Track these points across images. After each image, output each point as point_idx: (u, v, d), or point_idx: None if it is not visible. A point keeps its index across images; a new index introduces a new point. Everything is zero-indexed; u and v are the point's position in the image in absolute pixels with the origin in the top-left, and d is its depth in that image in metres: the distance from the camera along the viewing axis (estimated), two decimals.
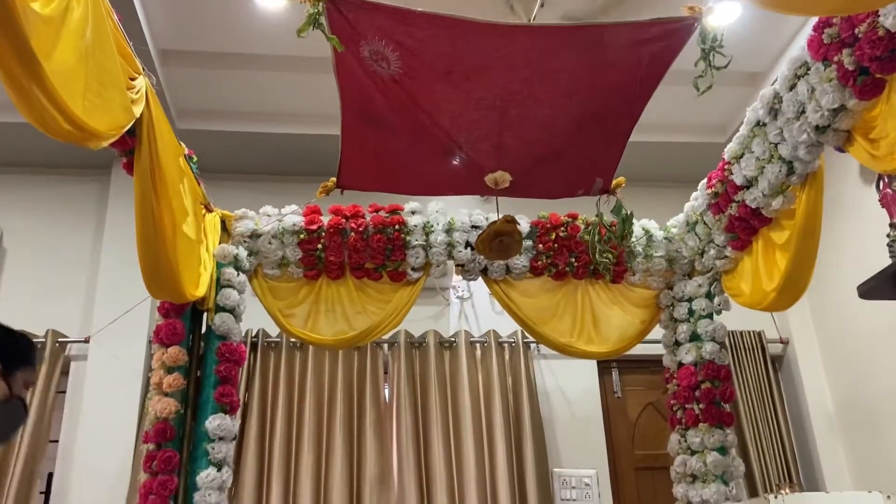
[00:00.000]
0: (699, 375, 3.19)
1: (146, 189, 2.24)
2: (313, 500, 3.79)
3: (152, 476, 2.70)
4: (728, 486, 3.07)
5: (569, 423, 4.28)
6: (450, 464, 3.97)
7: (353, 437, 3.97)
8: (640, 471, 4.36)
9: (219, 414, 2.84)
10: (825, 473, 4.14)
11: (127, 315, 3.82)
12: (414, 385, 4.14)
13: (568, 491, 4.13)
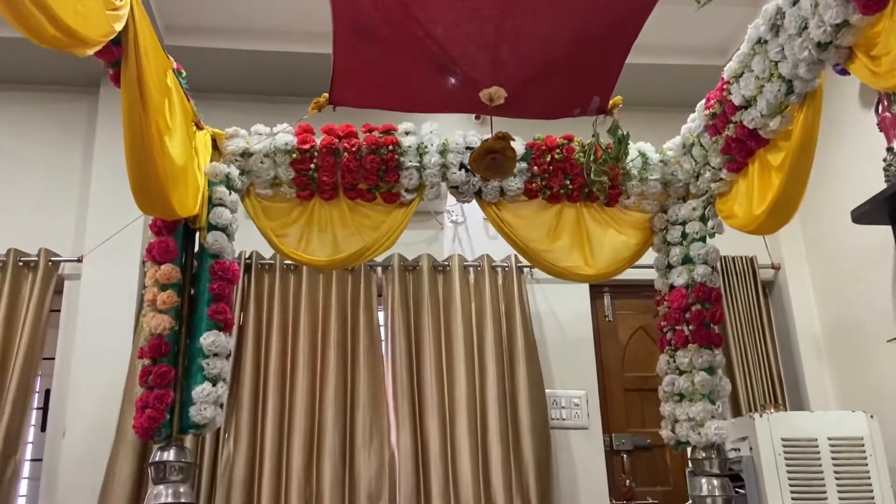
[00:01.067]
0: (690, 298, 3.21)
1: (133, 101, 2.19)
2: (307, 419, 3.86)
3: (148, 390, 2.73)
4: (714, 405, 3.13)
5: (560, 345, 4.34)
6: (441, 386, 4.04)
7: (346, 360, 4.02)
8: (629, 392, 4.45)
9: (213, 331, 2.85)
10: (810, 395, 4.23)
11: (120, 235, 3.81)
12: (407, 308, 4.18)
13: (558, 411, 4.23)
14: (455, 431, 3.97)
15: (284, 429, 3.85)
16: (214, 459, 3.75)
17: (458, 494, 3.85)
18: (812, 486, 3.25)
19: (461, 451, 3.92)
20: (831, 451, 3.28)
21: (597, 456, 4.19)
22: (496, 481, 3.88)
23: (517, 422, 4.02)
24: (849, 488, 3.25)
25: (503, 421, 3.98)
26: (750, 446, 3.35)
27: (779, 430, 3.31)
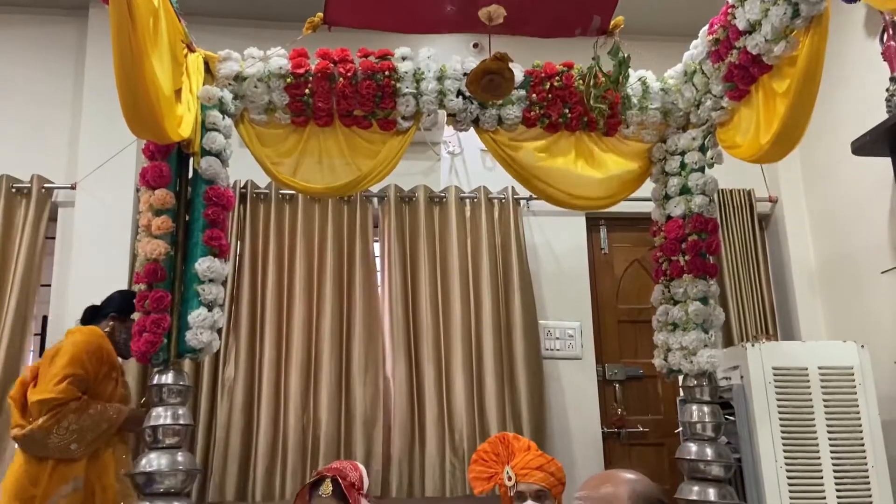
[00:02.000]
0: (686, 228, 3.21)
1: (122, 19, 2.13)
2: (304, 348, 3.90)
3: (145, 315, 2.74)
4: (707, 334, 3.15)
5: (555, 277, 4.36)
6: (437, 317, 4.06)
7: (342, 290, 4.04)
8: (623, 324, 4.49)
9: (208, 257, 2.84)
10: (802, 327, 4.28)
11: (113, 162, 3.77)
12: (403, 240, 4.17)
13: (552, 341, 4.27)
14: (450, 361, 4.01)
15: (282, 357, 3.89)
16: (214, 385, 3.79)
17: (452, 423, 3.92)
18: (801, 414, 3.30)
19: (455, 380, 3.97)
20: (821, 380, 3.33)
21: (589, 385, 4.26)
22: (490, 410, 3.95)
23: (511, 352, 4.07)
24: (837, 416, 3.30)
25: (497, 351, 4.02)
26: (741, 375, 3.39)
27: (770, 360, 3.35)
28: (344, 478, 2.84)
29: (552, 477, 2.90)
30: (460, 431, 3.89)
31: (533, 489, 2.86)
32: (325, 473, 2.89)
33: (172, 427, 2.74)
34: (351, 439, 3.82)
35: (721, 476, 3.12)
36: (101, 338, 3.15)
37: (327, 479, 2.84)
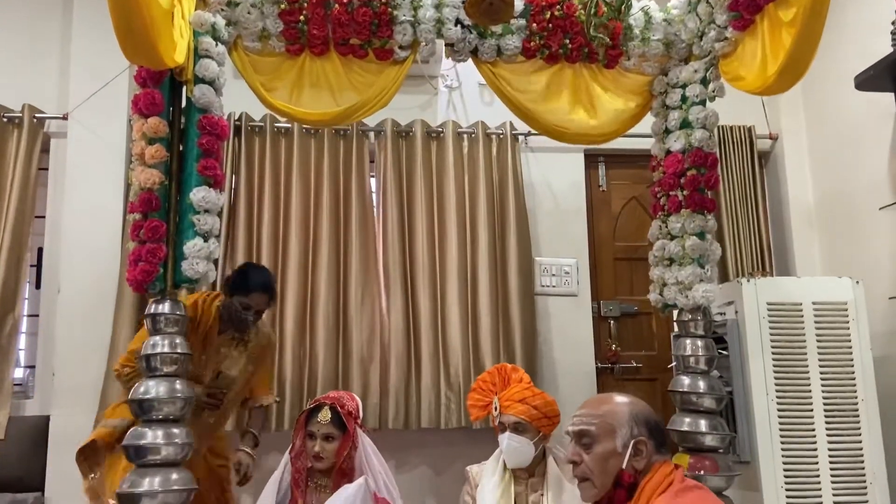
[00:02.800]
0: (686, 162, 3.18)
1: None
2: (300, 283, 3.90)
3: (140, 244, 2.72)
4: (703, 269, 3.15)
5: (553, 214, 4.34)
6: (433, 253, 4.06)
7: (338, 225, 4.02)
8: (619, 261, 4.50)
9: (203, 187, 2.81)
10: (798, 264, 4.30)
11: (105, 93, 3.71)
12: (400, 175, 4.14)
13: (548, 278, 4.28)
14: (445, 297, 4.03)
15: (278, 296, 3.89)
16: None
17: (447, 357, 3.96)
18: (793, 348, 3.33)
19: (451, 315, 3.99)
20: (815, 316, 3.35)
21: (585, 322, 4.29)
22: (484, 345, 3.98)
23: (507, 289, 4.08)
24: (829, 351, 3.33)
25: (493, 287, 4.04)
26: (735, 310, 3.41)
27: (765, 295, 3.36)
28: (342, 406, 2.87)
29: (535, 410, 2.91)
30: (455, 366, 3.93)
31: (511, 420, 2.89)
32: (322, 401, 2.92)
33: (170, 355, 2.74)
34: (348, 373, 3.86)
35: (712, 408, 3.16)
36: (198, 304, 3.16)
37: (325, 407, 2.87)
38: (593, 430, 1.69)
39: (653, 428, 1.66)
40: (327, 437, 2.83)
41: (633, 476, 1.64)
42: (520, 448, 2.88)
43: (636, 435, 1.64)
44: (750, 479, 3.25)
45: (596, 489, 1.69)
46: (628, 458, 1.64)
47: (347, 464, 2.86)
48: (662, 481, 1.60)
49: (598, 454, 1.67)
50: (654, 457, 1.65)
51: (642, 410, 1.69)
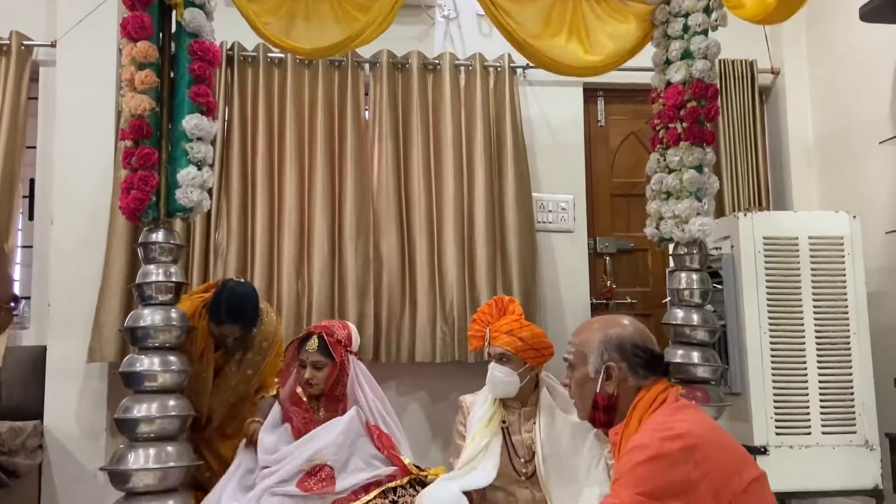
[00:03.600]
0: (686, 94, 3.13)
1: None
2: (296, 215, 3.87)
3: (132, 172, 2.70)
4: (701, 202, 3.14)
5: (550, 150, 4.30)
6: (429, 188, 4.03)
7: (333, 159, 3.97)
8: (616, 197, 4.48)
9: (195, 114, 2.77)
10: (795, 199, 4.29)
11: (94, 19, 3.62)
12: (395, 108, 4.08)
13: (545, 214, 4.26)
14: (441, 232, 4.01)
15: (274, 223, 3.88)
16: (206, 250, 3.79)
17: (443, 292, 3.95)
18: (788, 282, 3.34)
19: (447, 250, 3.98)
20: (810, 250, 3.35)
21: (580, 258, 4.28)
22: (480, 280, 3.98)
23: (503, 224, 4.06)
24: (823, 286, 3.34)
25: (489, 223, 4.01)
26: (731, 245, 3.41)
27: (761, 229, 3.36)
28: (330, 335, 2.88)
29: (520, 342, 2.88)
30: (451, 300, 3.93)
31: (496, 351, 2.89)
32: (312, 330, 2.93)
33: (165, 284, 2.75)
34: (344, 305, 3.86)
35: (706, 340, 3.19)
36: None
37: (314, 336, 2.88)
38: (572, 359, 1.76)
39: (627, 352, 1.68)
40: (316, 364, 2.85)
41: (607, 399, 1.68)
42: (502, 378, 2.88)
43: (606, 360, 1.68)
44: (740, 410, 3.30)
45: (580, 411, 1.74)
46: (600, 382, 1.67)
47: (339, 391, 2.89)
48: (654, 399, 1.62)
49: (576, 380, 1.75)
50: (633, 380, 1.67)
51: (617, 334, 1.70)
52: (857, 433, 3.26)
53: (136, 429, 2.65)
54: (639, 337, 1.71)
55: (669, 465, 1.46)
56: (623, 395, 1.67)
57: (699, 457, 1.45)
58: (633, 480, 1.48)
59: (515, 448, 2.91)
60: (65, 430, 3.59)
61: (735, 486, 1.46)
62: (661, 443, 1.49)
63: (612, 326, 1.73)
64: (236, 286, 3.04)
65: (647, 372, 1.68)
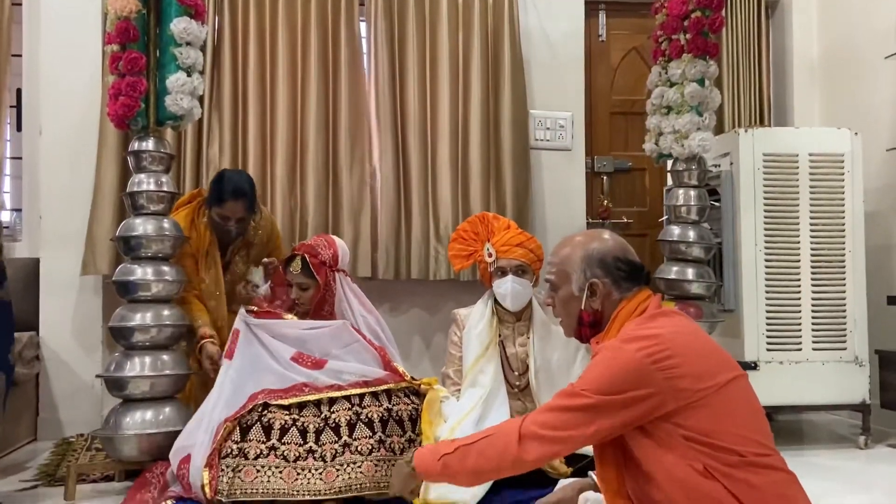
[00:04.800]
0: (690, 4, 3.04)
1: None
2: (289, 134, 3.80)
3: (120, 77, 2.63)
4: (701, 117, 3.09)
5: (549, 66, 4.19)
6: (424, 104, 3.95)
7: (327, 73, 3.87)
8: (615, 115, 4.41)
9: (184, 17, 2.68)
10: (797, 117, 4.23)
11: None
12: (391, 18, 3.96)
13: (542, 132, 4.19)
14: (436, 149, 3.95)
15: (266, 140, 3.80)
16: (198, 164, 3.73)
17: (437, 210, 3.93)
18: (786, 200, 3.32)
19: (441, 168, 3.93)
20: (810, 167, 3.32)
21: (577, 177, 4.24)
22: (475, 199, 3.94)
23: (499, 142, 4.00)
24: (821, 204, 3.33)
25: (485, 140, 3.96)
26: (731, 161, 3.37)
27: (761, 146, 3.32)
28: (314, 255, 2.85)
29: (532, 254, 2.93)
30: (445, 219, 3.91)
31: (514, 264, 2.90)
32: (296, 251, 2.90)
33: (157, 193, 2.72)
34: (339, 224, 3.83)
35: (701, 257, 3.19)
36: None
37: (297, 257, 2.86)
38: (554, 279, 1.74)
39: (610, 266, 1.66)
40: (301, 286, 2.85)
41: (592, 315, 1.67)
42: (523, 290, 2.90)
43: (589, 277, 1.66)
44: (732, 326, 3.33)
45: (566, 328, 1.74)
46: (585, 299, 1.66)
47: (326, 310, 2.89)
48: (635, 309, 1.62)
49: (560, 299, 1.73)
50: (617, 293, 1.66)
51: (598, 250, 1.68)
52: (847, 350, 3.30)
53: (131, 337, 2.67)
54: (619, 250, 1.69)
55: (627, 365, 1.47)
56: (607, 308, 1.66)
57: (664, 362, 1.46)
58: (589, 379, 1.51)
59: (510, 361, 2.94)
60: (61, 341, 3.61)
61: (707, 386, 1.47)
62: (621, 345, 1.51)
63: (592, 242, 1.70)
64: (232, 171, 3.10)
65: (629, 284, 1.67)
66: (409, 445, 2.51)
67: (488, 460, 1.57)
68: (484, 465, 1.58)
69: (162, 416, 2.63)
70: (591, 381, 1.50)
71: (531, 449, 1.52)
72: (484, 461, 1.57)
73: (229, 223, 2.99)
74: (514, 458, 1.54)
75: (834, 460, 3.13)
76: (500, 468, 1.59)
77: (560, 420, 1.50)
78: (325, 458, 2.39)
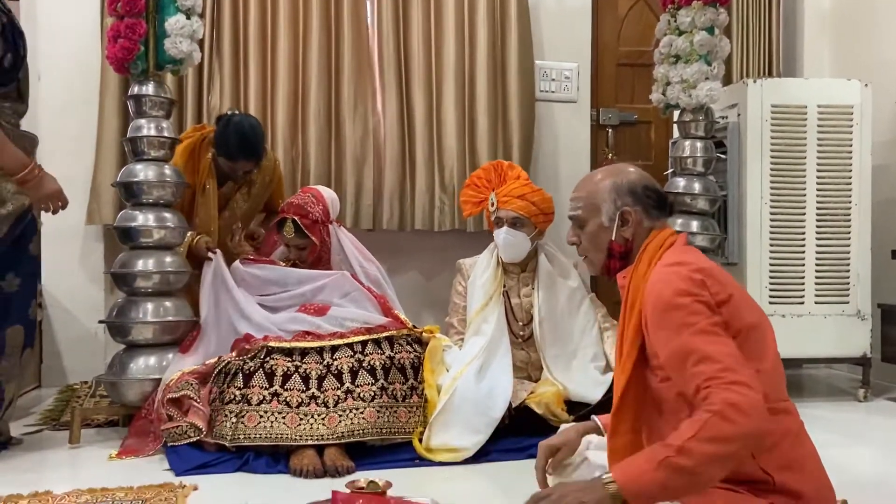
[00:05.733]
0: None
1: None
2: (290, 80, 3.74)
3: (118, 19, 2.59)
4: (710, 67, 3.04)
5: (555, 15, 4.13)
6: (429, 53, 3.89)
7: (329, 19, 3.80)
8: (622, 67, 4.34)
9: None
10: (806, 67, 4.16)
11: None
12: None
13: (547, 83, 4.14)
14: (441, 99, 3.90)
15: (267, 87, 3.74)
16: (199, 113, 3.68)
17: (442, 160, 3.89)
18: (793, 153, 3.29)
19: (446, 118, 3.89)
20: (819, 119, 3.28)
21: (582, 129, 4.20)
22: (480, 149, 3.91)
23: (505, 92, 3.95)
24: (829, 156, 3.30)
25: (491, 91, 3.90)
26: (738, 113, 3.33)
27: (770, 97, 3.27)
28: (304, 216, 2.82)
29: (533, 206, 2.90)
30: (450, 169, 3.88)
31: (510, 216, 2.88)
32: (285, 213, 2.88)
33: (158, 139, 2.69)
34: (341, 174, 3.80)
35: (706, 210, 3.17)
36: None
37: (288, 221, 2.84)
38: (580, 214, 1.70)
39: (639, 194, 1.64)
40: (297, 246, 2.87)
41: (623, 245, 1.65)
42: (516, 242, 2.90)
43: (620, 206, 1.64)
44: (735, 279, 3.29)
45: (594, 264, 1.71)
46: (616, 229, 1.64)
47: (324, 261, 2.89)
48: (663, 243, 1.60)
49: (588, 233, 1.69)
50: (647, 221, 1.64)
51: (627, 179, 1.66)
52: (849, 303, 3.30)
53: (133, 283, 2.66)
54: (646, 179, 1.67)
55: (688, 279, 1.46)
56: (638, 238, 1.64)
57: (713, 288, 1.46)
58: (685, 324, 1.42)
59: (514, 311, 2.95)
60: (64, 289, 3.61)
61: (744, 325, 1.48)
62: (668, 268, 1.49)
63: (619, 174, 1.68)
64: (243, 119, 2.97)
65: (658, 212, 1.65)
66: (411, 393, 2.53)
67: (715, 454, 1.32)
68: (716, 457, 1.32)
69: (165, 362, 2.63)
70: (689, 320, 1.43)
71: (728, 396, 1.34)
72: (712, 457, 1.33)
73: (236, 173, 3.00)
74: (735, 432, 1.32)
75: (834, 412, 3.15)
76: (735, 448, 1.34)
77: (710, 361, 1.38)
78: (327, 404, 2.41)
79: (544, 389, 2.69)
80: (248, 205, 3.16)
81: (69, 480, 2.16)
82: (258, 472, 2.29)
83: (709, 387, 1.37)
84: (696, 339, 1.41)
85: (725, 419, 1.32)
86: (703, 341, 1.41)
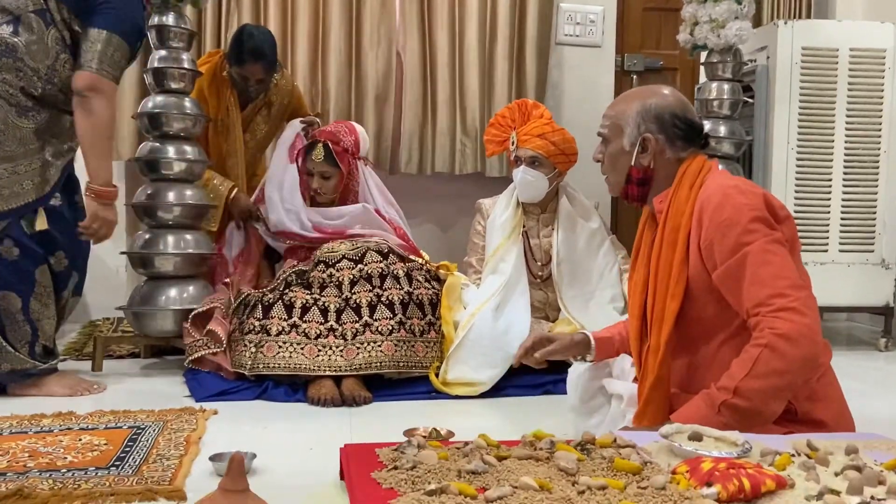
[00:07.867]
0: None
1: None
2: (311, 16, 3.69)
3: None
4: (740, 5, 2.97)
5: None
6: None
7: None
8: (649, 11, 4.24)
9: None
10: (838, 8, 4.04)
11: None
12: None
13: (572, 27, 4.05)
14: (463, 40, 3.83)
15: (287, 23, 3.69)
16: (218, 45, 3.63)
17: (464, 102, 3.84)
18: (822, 98, 3.22)
19: (469, 59, 3.82)
20: (850, 63, 3.20)
21: (606, 75, 4.11)
22: (500, 94, 3.85)
23: (524, 35, 3.86)
24: (859, 102, 3.22)
25: (512, 33, 3.82)
26: (767, 56, 3.25)
27: (800, 39, 3.18)
28: (336, 143, 2.80)
29: (552, 146, 2.85)
30: (473, 110, 3.82)
31: (528, 154, 2.84)
32: (317, 137, 2.85)
33: (178, 70, 2.68)
34: (362, 114, 3.76)
35: (731, 154, 3.12)
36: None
37: (319, 144, 2.81)
38: (606, 132, 1.68)
39: (666, 122, 1.60)
40: (323, 174, 2.81)
41: (642, 172, 1.62)
42: (534, 182, 2.85)
43: (643, 132, 1.61)
44: None
45: (613, 186, 1.70)
46: (635, 155, 1.61)
47: (350, 199, 2.88)
48: (701, 169, 1.58)
49: (609, 154, 1.68)
50: (671, 152, 1.60)
51: (656, 104, 1.61)
52: (874, 252, 3.25)
53: (154, 215, 2.68)
54: (679, 107, 1.62)
55: (763, 204, 1.50)
56: (660, 168, 1.61)
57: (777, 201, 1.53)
58: (742, 242, 1.47)
59: (533, 252, 2.93)
60: None
61: (798, 246, 1.57)
62: (741, 196, 1.50)
63: (651, 97, 1.63)
64: (253, 27, 3.01)
65: (685, 144, 1.61)
66: (429, 328, 2.54)
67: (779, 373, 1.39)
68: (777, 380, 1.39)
69: (186, 294, 2.66)
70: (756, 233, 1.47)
71: (777, 326, 1.39)
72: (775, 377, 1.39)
73: (249, 83, 2.99)
74: (787, 363, 1.38)
75: (855, 361, 3.13)
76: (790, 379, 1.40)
77: (761, 284, 1.42)
78: (345, 337, 2.42)
79: (562, 329, 2.69)
80: (267, 126, 3.16)
81: (92, 404, 2.20)
82: (277, 400, 2.32)
83: (758, 314, 1.42)
84: (755, 257, 1.44)
85: (775, 351, 1.37)
86: (760, 260, 1.43)
